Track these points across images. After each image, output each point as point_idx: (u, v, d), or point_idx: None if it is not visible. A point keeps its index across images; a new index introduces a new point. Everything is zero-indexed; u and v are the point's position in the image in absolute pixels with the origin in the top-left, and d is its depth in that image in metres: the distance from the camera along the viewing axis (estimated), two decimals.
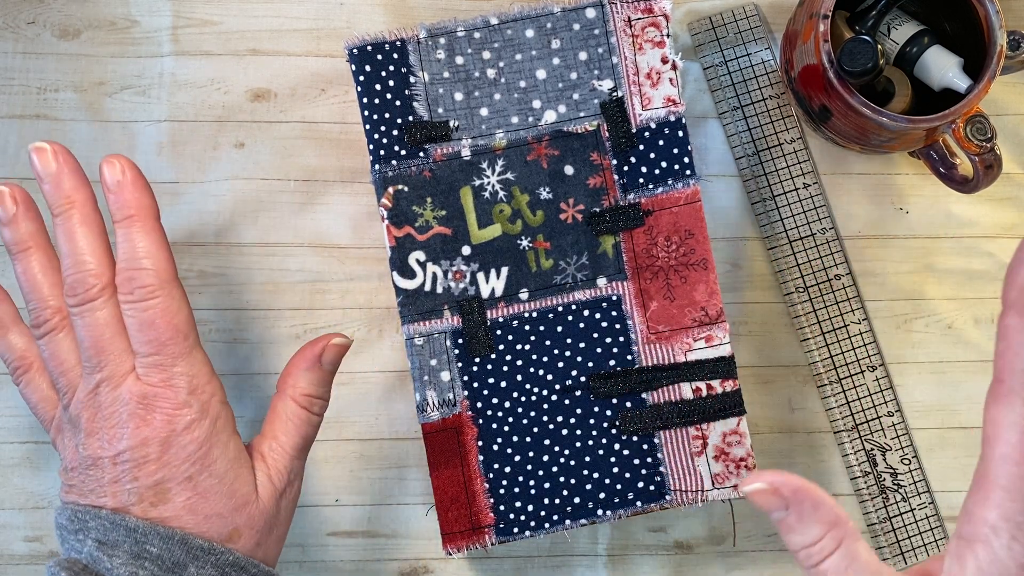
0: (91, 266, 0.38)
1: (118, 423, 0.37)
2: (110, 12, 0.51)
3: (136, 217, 0.38)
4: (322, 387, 0.41)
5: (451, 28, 0.46)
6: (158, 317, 0.37)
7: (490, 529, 0.45)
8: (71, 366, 0.39)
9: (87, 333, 0.38)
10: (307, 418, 0.41)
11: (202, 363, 0.39)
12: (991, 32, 0.44)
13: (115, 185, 0.38)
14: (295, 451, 0.40)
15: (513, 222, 0.46)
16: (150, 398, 0.37)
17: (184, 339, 0.38)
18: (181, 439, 0.37)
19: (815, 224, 0.51)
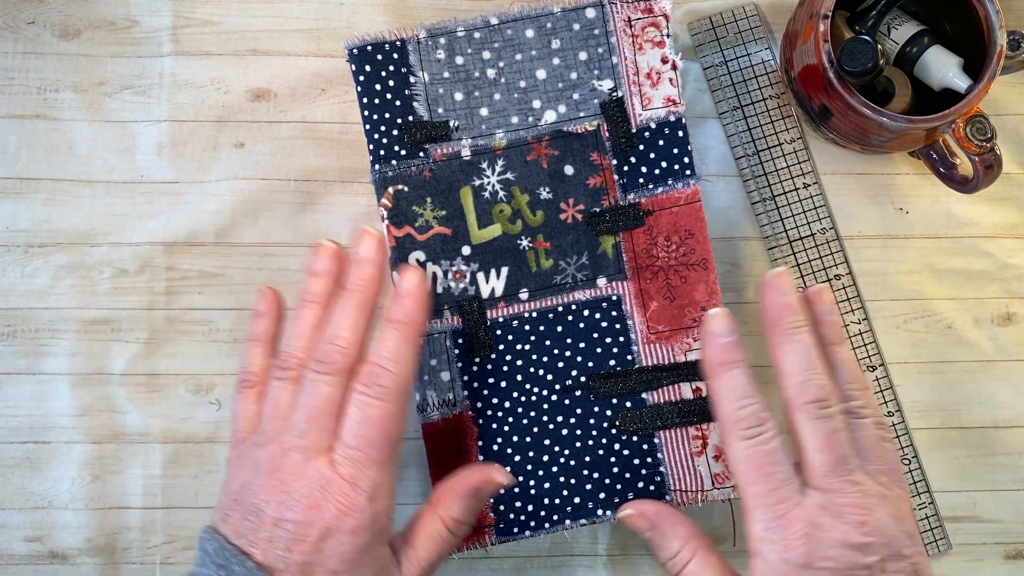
0: (344, 344, 0.40)
1: (293, 493, 0.38)
2: (110, 12, 0.51)
3: (407, 325, 0.41)
4: (472, 515, 0.41)
5: (451, 28, 0.46)
6: (378, 418, 0.39)
7: (490, 529, 0.45)
8: (283, 416, 0.40)
9: (308, 400, 0.39)
10: (449, 539, 0.41)
11: (390, 478, 0.39)
12: (991, 32, 0.44)
13: (407, 292, 0.41)
14: (429, 567, 0.40)
15: (513, 222, 0.46)
16: (332, 486, 0.38)
17: (389, 449, 0.39)
18: (342, 537, 0.37)
19: (815, 224, 0.51)
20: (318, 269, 0.42)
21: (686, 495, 0.45)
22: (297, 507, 0.37)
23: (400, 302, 0.41)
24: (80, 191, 0.50)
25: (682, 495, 0.45)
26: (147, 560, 0.49)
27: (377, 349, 0.40)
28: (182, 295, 0.50)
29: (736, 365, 0.40)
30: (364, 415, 0.39)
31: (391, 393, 0.39)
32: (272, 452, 0.39)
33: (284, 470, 0.38)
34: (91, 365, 0.50)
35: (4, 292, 0.50)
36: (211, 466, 0.50)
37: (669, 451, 0.45)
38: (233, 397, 0.43)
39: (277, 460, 0.39)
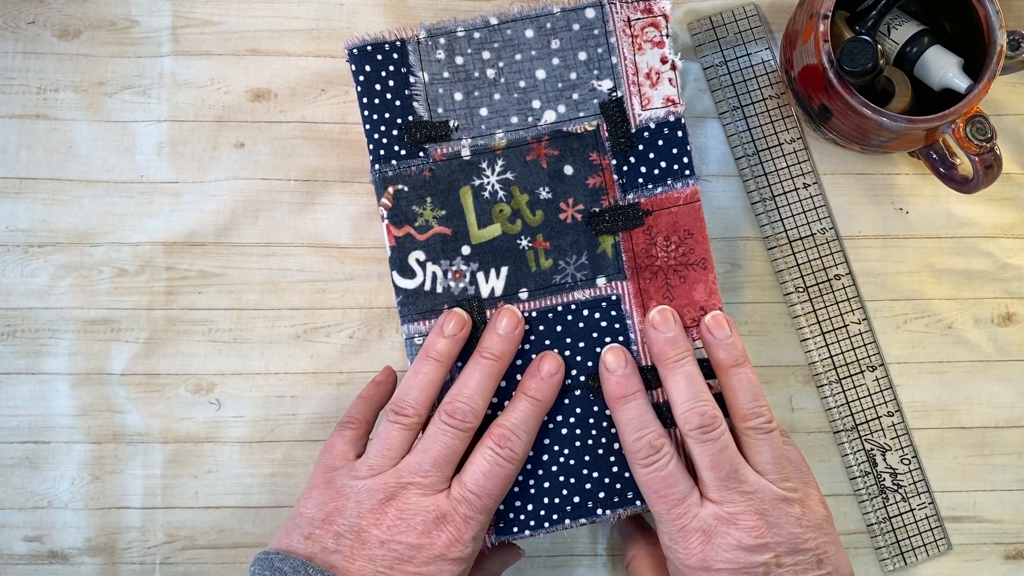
0: (474, 405, 0.43)
1: (409, 520, 0.41)
2: (110, 12, 0.51)
3: (539, 403, 0.44)
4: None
5: (451, 28, 0.46)
6: (501, 476, 0.42)
7: (490, 529, 0.45)
8: (392, 457, 0.43)
9: (435, 446, 0.42)
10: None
11: (484, 532, 0.43)
12: (991, 32, 0.44)
13: (545, 374, 0.44)
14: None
15: (513, 222, 0.46)
16: (448, 519, 0.41)
17: (494, 506, 0.43)
18: (445, 565, 0.41)
19: (815, 224, 0.51)
20: (448, 332, 0.44)
21: None
22: (412, 532, 0.40)
23: (538, 381, 0.44)
24: (80, 191, 0.50)
25: None
26: (147, 560, 0.49)
27: (510, 416, 0.43)
28: (182, 295, 0.50)
29: (632, 398, 0.43)
30: (491, 470, 0.42)
31: (517, 458, 0.43)
32: (385, 483, 0.42)
33: (401, 499, 0.41)
34: (91, 365, 0.50)
35: (4, 292, 0.50)
36: (211, 466, 0.50)
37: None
38: (331, 434, 0.45)
39: (392, 491, 0.41)
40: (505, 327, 0.44)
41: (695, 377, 0.43)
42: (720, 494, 0.41)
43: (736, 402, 0.43)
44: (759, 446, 0.42)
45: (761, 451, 0.42)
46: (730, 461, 0.41)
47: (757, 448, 0.42)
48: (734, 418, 0.43)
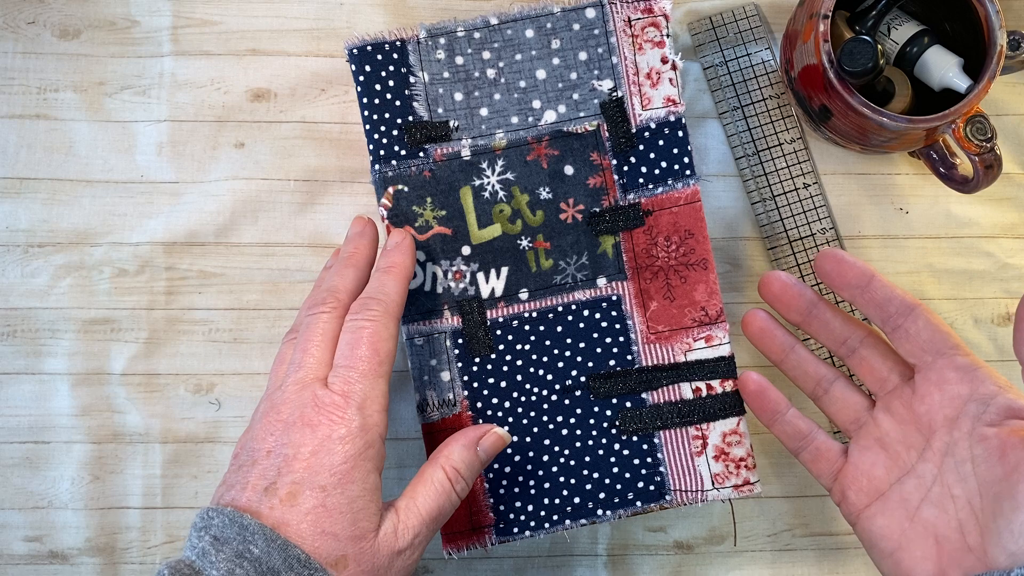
0: (336, 288, 0.42)
1: (287, 418, 0.38)
2: (110, 12, 0.51)
3: (393, 267, 0.43)
4: (470, 470, 0.41)
5: (451, 28, 0.46)
6: (367, 337, 0.40)
7: (490, 529, 0.45)
8: (284, 365, 0.42)
9: (303, 334, 0.41)
10: (448, 491, 0.40)
11: (381, 394, 0.40)
12: (991, 32, 0.44)
13: (392, 246, 0.44)
14: (428, 516, 0.39)
15: (513, 222, 0.46)
16: (324, 403, 0.38)
17: (378, 363, 0.40)
18: (332, 446, 0.38)
19: (815, 224, 0.51)
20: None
21: (686, 495, 0.45)
22: (290, 429, 0.38)
23: (386, 255, 0.43)
24: (80, 191, 0.50)
25: (682, 495, 0.45)
26: (147, 560, 0.49)
27: (366, 289, 0.42)
28: (182, 295, 0.50)
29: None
30: (354, 336, 0.40)
31: (379, 315, 0.40)
32: (268, 394, 0.40)
33: (281, 402, 0.39)
34: (91, 365, 0.50)
35: (4, 292, 0.50)
36: (211, 466, 0.50)
37: (669, 451, 0.45)
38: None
39: (274, 398, 0.40)
40: (351, 230, 0.45)
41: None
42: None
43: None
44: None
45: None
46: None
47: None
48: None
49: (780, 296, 0.44)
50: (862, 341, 0.43)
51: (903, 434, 0.41)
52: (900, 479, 0.40)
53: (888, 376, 0.42)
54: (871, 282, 0.41)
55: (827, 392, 0.44)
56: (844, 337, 0.43)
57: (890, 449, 0.41)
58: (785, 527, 0.50)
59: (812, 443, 0.43)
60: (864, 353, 0.43)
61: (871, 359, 0.42)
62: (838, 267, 0.42)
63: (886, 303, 0.41)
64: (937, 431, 0.39)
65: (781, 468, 0.51)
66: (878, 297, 0.41)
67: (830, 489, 0.43)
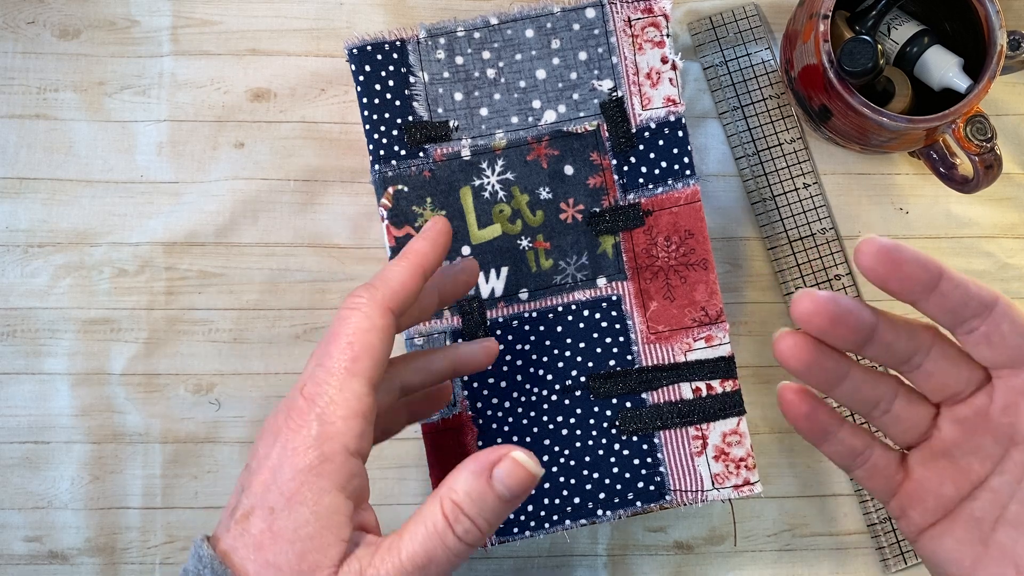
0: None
1: (265, 427, 0.34)
2: (110, 12, 0.51)
3: (408, 254, 0.36)
4: (479, 505, 0.31)
5: (451, 28, 0.46)
6: (344, 328, 0.33)
7: None
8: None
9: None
10: (443, 532, 0.31)
11: (353, 396, 0.32)
12: (991, 32, 0.44)
13: (421, 233, 0.37)
14: (410, 563, 0.30)
15: (513, 222, 0.46)
16: (292, 408, 0.33)
17: (351, 360, 0.33)
18: (285, 459, 0.32)
19: (815, 224, 0.51)
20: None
21: (686, 495, 0.45)
22: (261, 440, 0.33)
23: (410, 242, 0.37)
24: (80, 191, 0.50)
25: (682, 495, 0.45)
26: (147, 560, 0.49)
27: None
28: (182, 295, 0.50)
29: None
30: (332, 328, 0.34)
31: (365, 303, 0.34)
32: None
33: (276, 410, 0.34)
34: (91, 365, 0.50)
35: (4, 292, 0.50)
36: (211, 466, 0.50)
37: (669, 451, 0.45)
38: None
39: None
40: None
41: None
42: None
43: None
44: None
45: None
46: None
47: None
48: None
49: (836, 324, 0.33)
50: (929, 353, 0.34)
51: (975, 444, 0.33)
52: (972, 493, 0.33)
53: (962, 388, 0.33)
54: (941, 281, 0.33)
55: (887, 412, 0.35)
56: (909, 354, 0.34)
57: (959, 461, 0.34)
58: (785, 527, 0.50)
59: (868, 459, 0.35)
60: (930, 368, 0.34)
61: (941, 373, 0.34)
62: (895, 266, 0.32)
63: (961, 307, 0.32)
64: (1021, 444, 0.32)
65: (781, 468, 0.51)
66: (951, 301, 0.32)
67: (888, 505, 0.36)
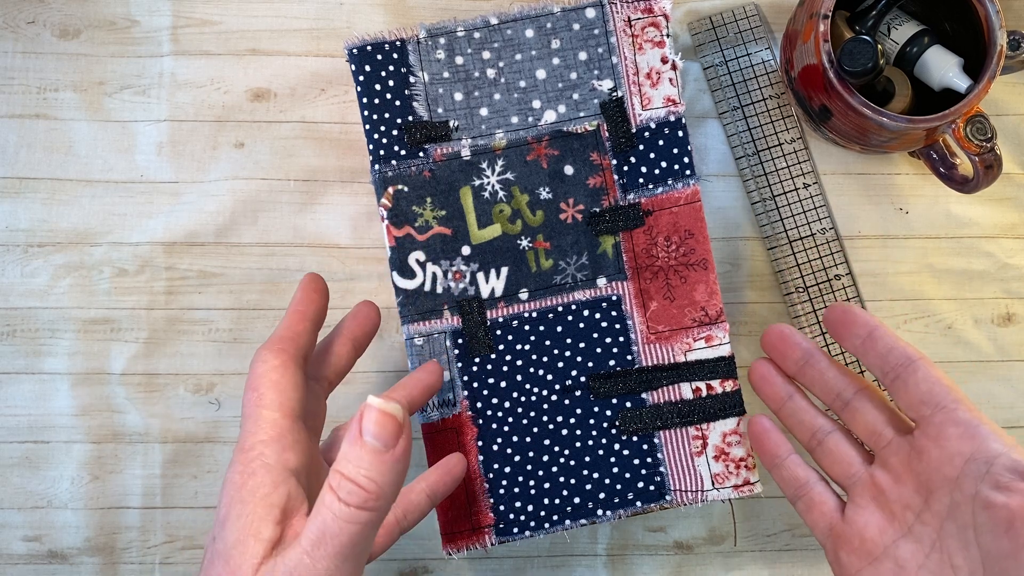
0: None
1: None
2: (110, 12, 0.51)
3: (287, 311, 0.40)
4: (357, 465, 0.30)
5: (451, 28, 0.46)
6: (249, 378, 0.36)
7: (490, 529, 0.45)
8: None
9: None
10: (329, 503, 0.30)
11: (266, 424, 0.34)
12: (991, 32, 0.44)
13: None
14: (308, 543, 0.30)
15: (513, 222, 0.46)
16: (233, 461, 0.34)
17: (259, 398, 0.35)
18: (223, 494, 0.33)
19: (815, 224, 0.51)
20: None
21: (686, 495, 0.45)
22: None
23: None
24: (80, 191, 0.50)
25: (682, 495, 0.45)
26: (146, 560, 0.49)
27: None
28: (182, 295, 0.50)
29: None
30: (245, 384, 0.38)
31: (261, 353, 0.37)
32: None
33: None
34: (91, 365, 0.50)
35: (4, 292, 0.50)
36: (211, 466, 0.50)
37: (669, 451, 0.45)
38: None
39: None
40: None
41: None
42: None
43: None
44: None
45: None
46: None
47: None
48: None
49: (777, 346, 0.42)
50: (856, 393, 0.40)
51: (900, 493, 0.37)
52: (896, 541, 0.37)
53: (883, 430, 0.39)
54: (873, 332, 0.39)
55: (821, 443, 0.41)
56: (839, 389, 0.41)
57: (886, 508, 0.38)
58: (785, 527, 0.50)
59: (808, 492, 0.41)
60: (858, 405, 0.40)
61: (865, 412, 0.40)
62: (843, 317, 0.40)
63: (887, 353, 0.38)
64: (936, 491, 0.36)
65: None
66: (880, 347, 0.39)
67: (824, 545, 0.40)
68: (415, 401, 0.41)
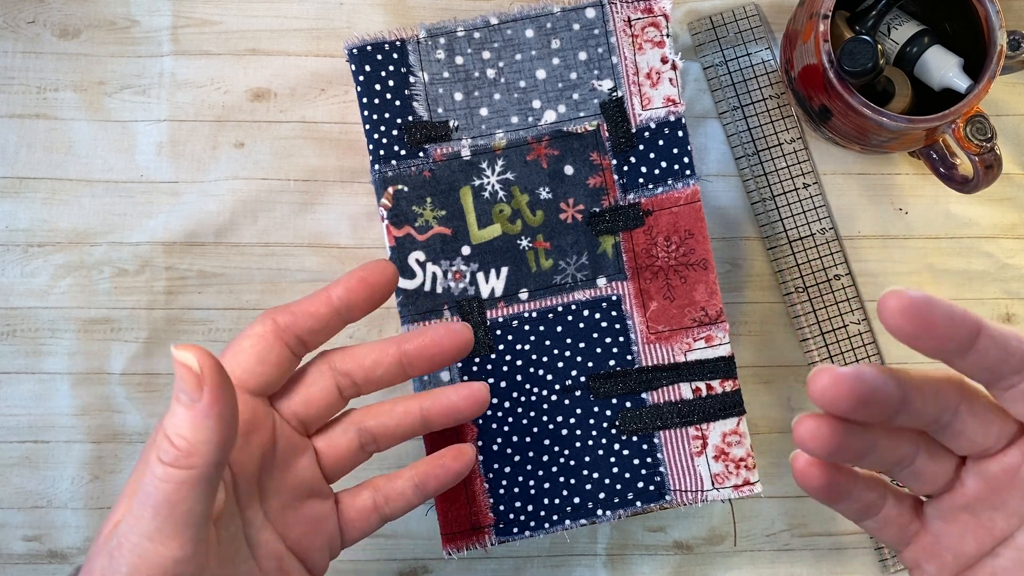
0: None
1: None
2: (110, 12, 0.51)
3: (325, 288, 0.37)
4: (170, 421, 0.30)
5: (451, 28, 0.46)
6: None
7: (490, 529, 0.45)
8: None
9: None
10: (150, 464, 0.30)
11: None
12: (991, 32, 0.44)
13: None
14: (137, 510, 0.30)
15: (513, 222, 0.46)
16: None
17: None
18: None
19: (815, 224, 0.51)
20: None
21: (686, 495, 0.45)
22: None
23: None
24: (80, 191, 0.50)
25: (682, 495, 0.45)
26: None
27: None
28: (182, 295, 0.50)
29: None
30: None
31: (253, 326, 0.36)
32: None
33: None
34: (91, 365, 0.50)
35: (4, 292, 0.50)
36: None
37: (669, 451, 0.45)
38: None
39: None
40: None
41: None
42: None
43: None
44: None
45: None
46: None
47: None
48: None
49: (862, 405, 0.28)
50: (958, 412, 0.30)
51: (1001, 500, 0.31)
52: (994, 550, 0.31)
53: (993, 444, 0.30)
54: (979, 338, 0.28)
55: (909, 467, 0.32)
56: (936, 416, 0.30)
57: (981, 516, 0.31)
58: (785, 527, 0.50)
59: (881, 510, 0.33)
60: (959, 427, 0.30)
61: (971, 432, 0.30)
62: (926, 325, 0.27)
63: (1000, 364, 0.28)
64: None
65: (781, 468, 0.51)
66: (989, 360, 0.28)
67: (900, 553, 0.34)
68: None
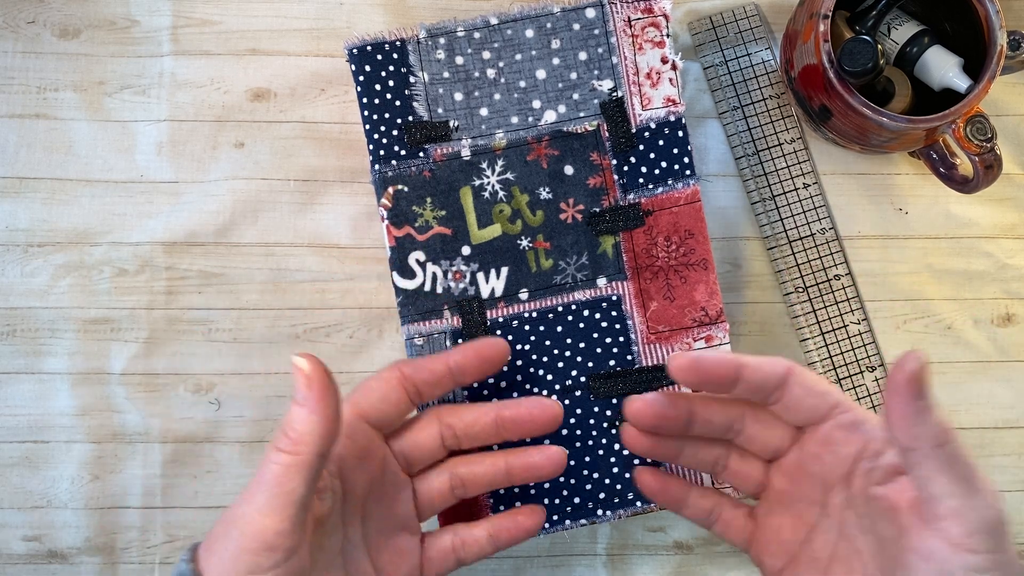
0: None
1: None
2: (110, 12, 0.51)
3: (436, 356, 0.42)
4: (287, 420, 0.36)
5: (451, 28, 0.46)
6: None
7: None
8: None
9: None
10: (268, 452, 0.36)
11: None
12: (991, 32, 0.44)
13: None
14: (252, 483, 0.36)
15: (513, 222, 0.46)
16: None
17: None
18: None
19: (815, 224, 0.51)
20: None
21: None
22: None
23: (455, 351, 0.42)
24: (80, 191, 0.50)
25: None
26: (146, 560, 0.49)
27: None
28: (182, 295, 0.50)
29: None
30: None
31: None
32: None
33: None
34: (91, 365, 0.50)
35: (4, 292, 0.50)
36: (211, 466, 0.50)
37: None
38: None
39: None
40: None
41: None
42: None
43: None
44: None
45: None
46: None
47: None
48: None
49: (658, 424, 0.39)
50: (745, 421, 0.40)
51: (802, 492, 0.39)
52: (807, 536, 0.39)
53: (780, 444, 0.40)
54: (740, 374, 0.37)
55: (726, 468, 0.41)
56: (729, 425, 0.40)
57: (793, 508, 0.40)
58: None
59: (720, 517, 0.42)
60: (750, 433, 0.40)
61: (760, 436, 0.40)
62: (697, 374, 0.37)
63: (761, 386, 0.37)
64: (834, 488, 0.38)
65: None
66: (753, 384, 0.37)
67: (748, 552, 0.42)
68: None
